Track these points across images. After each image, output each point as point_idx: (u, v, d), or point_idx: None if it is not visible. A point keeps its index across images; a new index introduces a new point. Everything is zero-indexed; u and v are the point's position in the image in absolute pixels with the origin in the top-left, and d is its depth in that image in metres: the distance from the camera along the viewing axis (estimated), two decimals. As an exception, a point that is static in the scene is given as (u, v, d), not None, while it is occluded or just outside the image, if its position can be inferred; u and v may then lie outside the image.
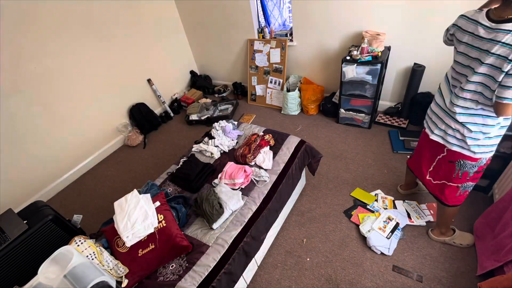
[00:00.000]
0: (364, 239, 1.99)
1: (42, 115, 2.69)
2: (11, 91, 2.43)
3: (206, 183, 1.98)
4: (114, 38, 3.14)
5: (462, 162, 1.47)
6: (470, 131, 1.33)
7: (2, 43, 2.30)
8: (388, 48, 2.71)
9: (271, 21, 3.63)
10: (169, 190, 1.97)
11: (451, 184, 1.59)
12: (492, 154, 1.41)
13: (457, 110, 1.35)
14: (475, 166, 1.46)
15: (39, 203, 1.77)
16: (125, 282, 1.40)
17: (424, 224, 1.99)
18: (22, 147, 2.61)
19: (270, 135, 2.20)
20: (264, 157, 2.02)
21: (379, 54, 2.56)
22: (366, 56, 2.56)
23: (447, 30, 1.48)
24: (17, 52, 2.41)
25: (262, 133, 2.22)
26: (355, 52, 2.63)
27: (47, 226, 1.66)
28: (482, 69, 1.19)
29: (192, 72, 4.39)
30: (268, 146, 2.13)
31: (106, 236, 1.58)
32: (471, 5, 2.23)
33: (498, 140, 1.38)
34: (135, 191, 1.67)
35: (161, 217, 1.56)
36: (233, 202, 1.71)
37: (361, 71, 2.63)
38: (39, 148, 2.73)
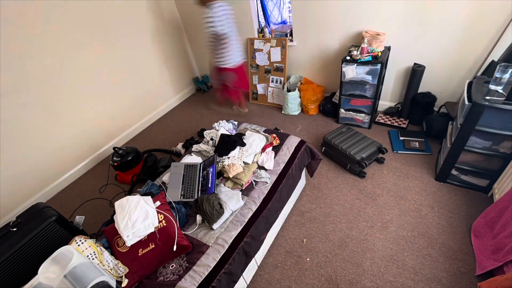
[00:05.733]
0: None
1: (42, 115, 2.68)
2: (11, 91, 2.43)
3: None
4: (114, 37, 3.14)
5: None
6: None
7: (2, 42, 2.30)
8: (388, 48, 2.71)
9: (271, 20, 3.64)
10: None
11: None
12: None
13: None
14: None
15: (41, 205, 1.78)
16: (125, 282, 1.40)
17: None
18: (22, 147, 2.61)
19: (274, 135, 2.21)
20: (267, 157, 2.02)
21: (379, 54, 2.56)
22: (366, 56, 2.57)
23: None
24: (17, 51, 2.41)
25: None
26: (355, 52, 2.63)
27: (51, 226, 1.67)
28: None
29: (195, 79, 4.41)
30: (271, 147, 2.13)
31: (107, 236, 1.58)
32: (470, 5, 2.25)
33: None
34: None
35: (161, 217, 1.56)
36: (233, 202, 1.71)
37: (361, 71, 2.63)
38: (39, 148, 2.73)
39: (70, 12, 2.68)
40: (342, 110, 3.06)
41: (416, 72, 2.68)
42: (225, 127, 2.32)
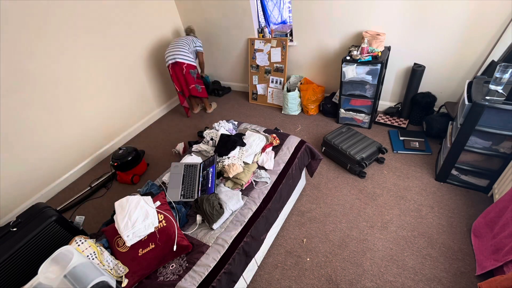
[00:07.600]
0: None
1: (42, 115, 2.68)
2: (11, 91, 2.43)
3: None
4: (114, 38, 3.14)
5: None
6: None
7: (2, 42, 2.30)
8: (388, 48, 2.71)
9: (271, 20, 3.64)
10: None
11: None
12: None
13: None
14: None
15: (41, 205, 1.78)
16: (125, 282, 1.40)
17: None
18: (22, 147, 2.61)
19: (274, 135, 2.21)
20: (267, 157, 2.02)
21: (379, 54, 2.57)
22: (366, 56, 2.57)
23: None
24: (17, 51, 2.41)
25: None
26: (355, 52, 2.63)
27: (51, 226, 1.67)
28: None
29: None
30: (271, 147, 2.13)
31: (107, 236, 1.58)
32: (470, 5, 2.25)
33: None
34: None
35: (161, 217, 1.56)
36: (233, 202, 1.71)
37: (361, 71, 2.63)
38: (39, 148, 2.73)
39: (71, 12, 2.68)
40: (342, 110, 3.06)
41: (416, 72, 2.68)
42: (225, 127, 2.33)
